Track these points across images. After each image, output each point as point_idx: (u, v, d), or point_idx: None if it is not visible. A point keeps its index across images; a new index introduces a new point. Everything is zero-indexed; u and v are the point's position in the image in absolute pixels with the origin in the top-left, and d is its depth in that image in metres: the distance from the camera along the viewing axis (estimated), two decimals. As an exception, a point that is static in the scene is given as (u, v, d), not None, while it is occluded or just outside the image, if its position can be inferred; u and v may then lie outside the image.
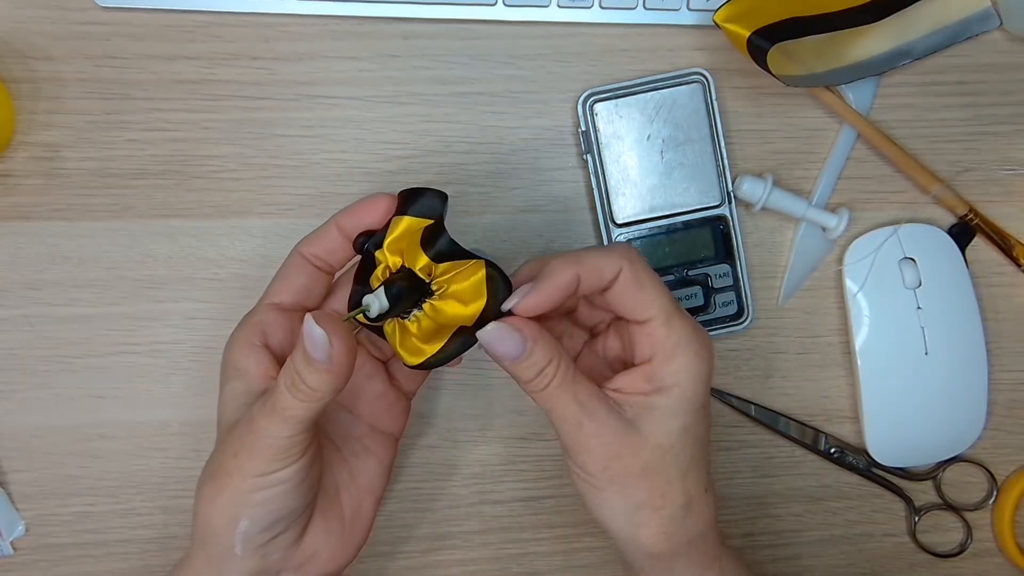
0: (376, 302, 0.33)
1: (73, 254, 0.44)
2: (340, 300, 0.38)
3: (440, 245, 0.34)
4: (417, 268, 0.34)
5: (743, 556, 0.44)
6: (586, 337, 0.40)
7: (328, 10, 0.44)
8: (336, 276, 0.38)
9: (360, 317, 0.34)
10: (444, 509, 0.47)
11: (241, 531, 0.33)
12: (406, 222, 0.34)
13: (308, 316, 0.30)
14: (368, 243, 0.35)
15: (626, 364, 0.36)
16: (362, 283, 0.36)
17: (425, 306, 0.34)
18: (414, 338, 0.34)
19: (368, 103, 0.45)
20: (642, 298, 0.34)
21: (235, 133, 0.44)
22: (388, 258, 0.35)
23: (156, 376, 0.45)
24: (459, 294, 0.33)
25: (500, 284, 0.33)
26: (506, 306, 0.33)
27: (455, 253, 0.34)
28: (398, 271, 0.34)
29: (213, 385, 0.45)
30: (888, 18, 0.46)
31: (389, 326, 0.35)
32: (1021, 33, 0.47)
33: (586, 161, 0.45)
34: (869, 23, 0.45)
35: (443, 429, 0.47)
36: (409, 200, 0.35)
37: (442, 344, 0.34)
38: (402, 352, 0.34)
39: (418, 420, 0.46)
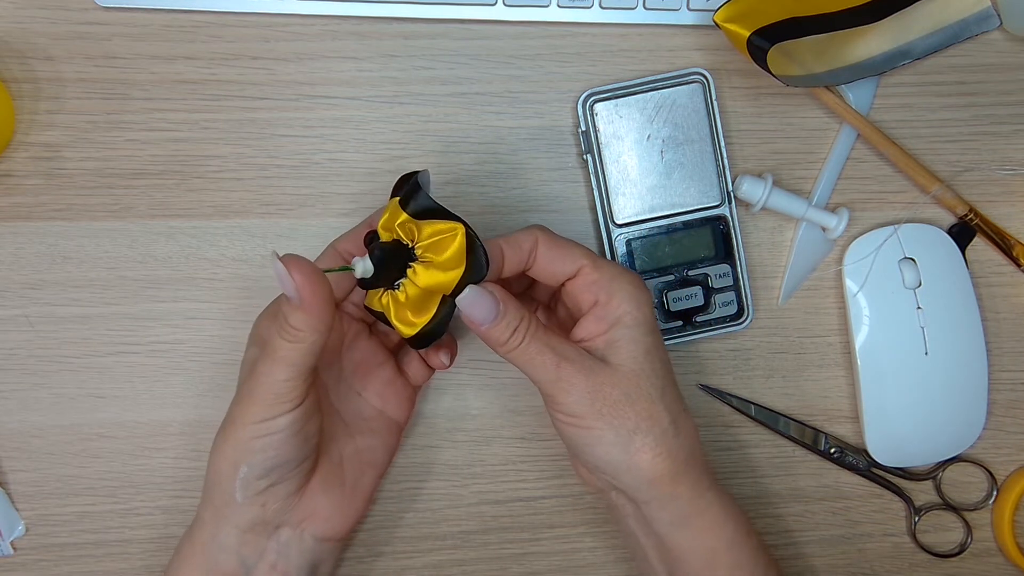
0: (360, 264, 0.35)
1: (73, 254, 0.44)
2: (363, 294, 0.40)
3: (417, 202, 0.35)
4: (396, 224, 0.35)
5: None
6: (544, 311, 0.43)
7: (328, 10, 0.44)
8: None
9: (374, 305, 0.37)
10: (444, 509, 0.47)
11: (241, 476, 0.35)
12: (392, 203, 0.36)
13: (273, 253, 0.32)
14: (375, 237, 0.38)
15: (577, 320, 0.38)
16: None
17: (408, 271, 0.35)
18: (407, 311, 0.36)
19: (368, 103, 0.45)
20: (564, 254, 0.37)
21: (235, 133, 0.44)
22: (381, 235, 0.37)
23: (156, 376, 0.45)
24: (440, 263, 0.35)
25: (478, 250, 0.35)
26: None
27: (434, 211, 0.35)
28: (392, 241, 0.36)
29: (213, 385, 0.45)
30: (887, 18, 0.46)
31: (384, 298, 0.36)
32: (1021, 33, 0.47)
33: (586, 161, 0.45)
34: (868, 23, 0.45)
35: (443, 429, 0.47)
36: (399, 185, 0.37)
37: (431, 314, 0.35)
38: (398, 325, 0.36)
39: (418, 420, 0.46)
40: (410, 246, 0.35)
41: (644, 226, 0.45)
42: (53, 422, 0.45)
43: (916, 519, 0.49)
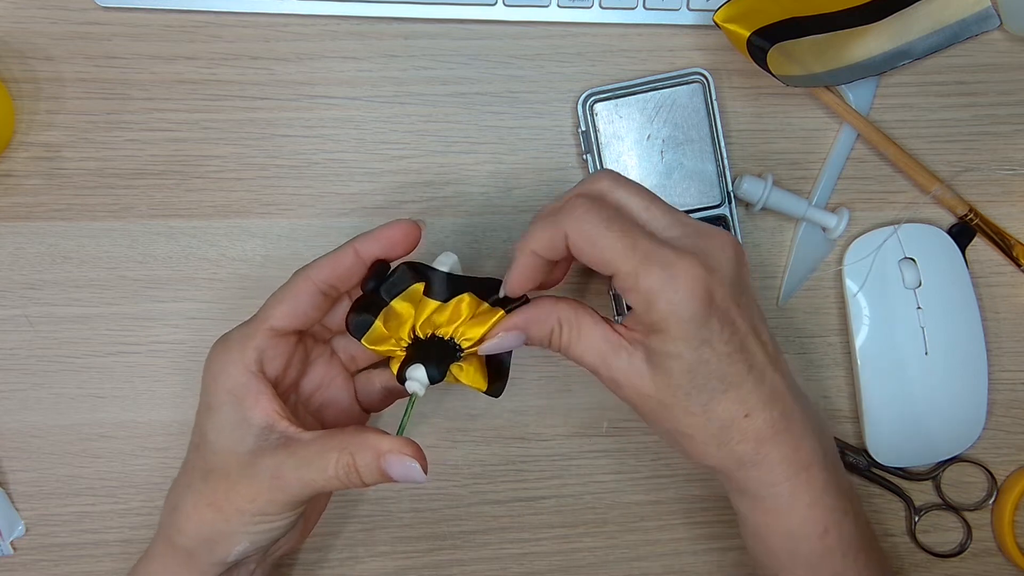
0: (420, 387, 0.36)
1: (73, 254, 0.44)
2: (333, 319, 0.40)
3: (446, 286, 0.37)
4: (429, 317, 0.37)
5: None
6: None
7: (328, 10, 0.44)
8: None
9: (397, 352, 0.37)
10: (444, 509, 0.47)
11: (240, 548, 0.35)
12: (432, 304, 0.36)
13: (414, 466, 0.33)
14: (381, 287, 0.37)
15: None
16: (360, 311, 0.37)
17: (454, 368, 0.37)
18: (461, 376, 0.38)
19: (368, 103, 0.45)
20: (597, 256, 0.33)
21: (235, 133, 0.44)
22: (418, 330, 0.37)
23: (156, 376, 0.45)
24: (479, 366, 0.38)
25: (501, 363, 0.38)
26: (501, 293, 0.37)
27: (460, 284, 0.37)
28: (429, 339, 0.37)
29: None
30: (887, 18, 0.46)
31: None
32: (1021, 33, 0.47)
33: (586, 161, 0.45)
34: (868, 23, 0.45)
35: (443, 429, 0.47)
36: (435, 282, 0.37)
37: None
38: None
39: (418, 420, 0.46)
40: (450, 341, 0.37)
41: (644, 226, 0.45)
42: (53, 422, 0.45)
43: (916, 519, 0.49)
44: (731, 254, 0.34)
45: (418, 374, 0.36)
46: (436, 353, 0.36)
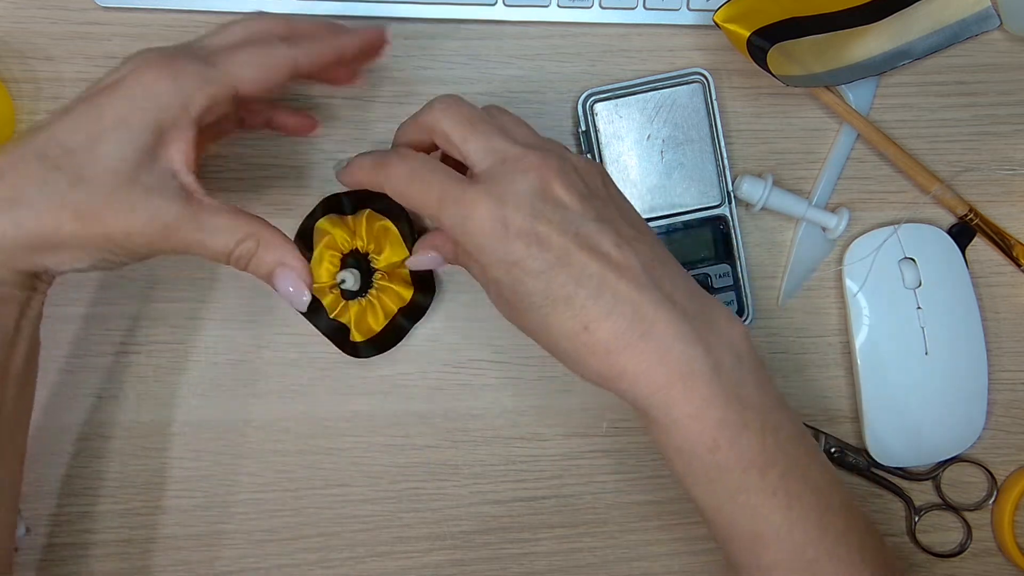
0: (350, 276, 0.43)
1: (73, 254, 0.44)
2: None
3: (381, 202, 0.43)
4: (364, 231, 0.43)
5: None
6: None
7: (328, 10, 0.44)
8: None
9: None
10: (444, 509, 0.47)
11: (78, 265, 0.34)
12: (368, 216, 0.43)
13: (305, 295, 0.35)
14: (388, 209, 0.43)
15: None
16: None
17: (371, 292, 0.43)
18: (368, 317, 0.44)
19: (368, 103, 0.45)
20: (411, 205, 0.36)
21: (235, 133, 0.44)
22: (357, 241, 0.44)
23: (156, 376, 0.45)
24: (398, 283, 0.43)
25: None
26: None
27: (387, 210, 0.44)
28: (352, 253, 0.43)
29: (213, 385, 0.45)
30: (887, 18, 0.46)
31: (352, 307, 0.44)
32: (1021, 33, 0.47)
33: (586, 161, 0.45)
34: (868, 23, 0.45)
35: (443, 429, 0.47)
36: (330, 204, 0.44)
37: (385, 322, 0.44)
38: (356, 334, 0.43)
39: (418, 420, 0.46)
40: (368, 256, 0.43)
41: (644, 226, 0.45)
42: (53, 422, 0.45)
43: (916, 519, 0.49)
44: (532, 176, 0.34)
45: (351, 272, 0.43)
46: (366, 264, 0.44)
